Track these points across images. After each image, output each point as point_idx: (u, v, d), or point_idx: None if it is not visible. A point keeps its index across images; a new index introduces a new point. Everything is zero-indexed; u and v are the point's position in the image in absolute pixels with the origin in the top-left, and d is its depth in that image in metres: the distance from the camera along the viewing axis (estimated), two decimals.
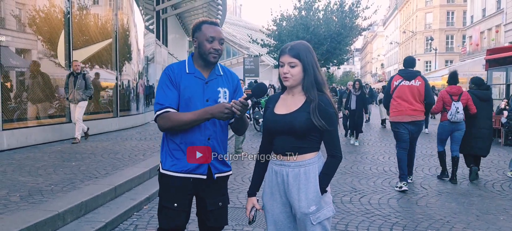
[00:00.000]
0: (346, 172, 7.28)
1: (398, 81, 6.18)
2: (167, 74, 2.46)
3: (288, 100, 2.34)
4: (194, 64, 2.51)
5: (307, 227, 2.25)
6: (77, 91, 8.69)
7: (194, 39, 2.48)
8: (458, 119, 6.46)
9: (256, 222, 2.45)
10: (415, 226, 4.54)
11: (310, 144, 2.27)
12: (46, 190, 4.73)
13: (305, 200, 2.23)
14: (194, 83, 2.45)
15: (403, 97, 6.07)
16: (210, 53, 2.42)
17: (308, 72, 2.25)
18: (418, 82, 6.08)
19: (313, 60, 2.28)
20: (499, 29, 29.08)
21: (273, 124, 2.32)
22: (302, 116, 2.22)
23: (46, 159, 6.77)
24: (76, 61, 9.00)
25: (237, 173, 6.97)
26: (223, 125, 2.54)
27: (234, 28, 52.97)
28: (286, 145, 2.27)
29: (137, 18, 14.84)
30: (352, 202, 5.41)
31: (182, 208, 2.49)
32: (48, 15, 9.31)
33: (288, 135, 2.25)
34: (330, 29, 23.56)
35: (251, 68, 28.45)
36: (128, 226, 4.41)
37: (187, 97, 2.43)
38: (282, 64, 2.28)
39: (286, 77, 2.26)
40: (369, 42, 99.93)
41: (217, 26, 2.48)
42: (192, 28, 2.52)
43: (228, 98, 2.53)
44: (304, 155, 2.25)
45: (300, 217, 2.26)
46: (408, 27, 58.35)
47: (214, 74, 2.51)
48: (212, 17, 26.27)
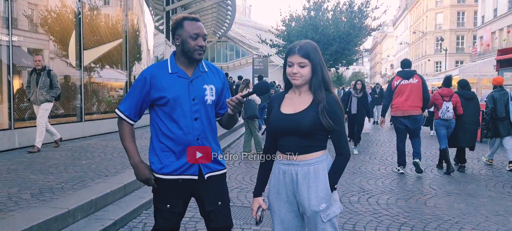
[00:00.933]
0: (355, 172, 7.26)
1: (398, 81, 7.06)
2: (144, 78, 2.41)
3: (294, 99, 2.33)
4: (176, 63, 2.44)
5: (318, 225, 2.25)
6: (40, 91, 7.45)
7: (176, 36, 2.41)
8: (448, 117, 7.29)
9: (263, 222, 2.45)
10: (424, 227, 4.52)
11: (318, 143, 2.27)
12: (56, 188, 4.80)
13: (315, 198, 2.23)
14: (178, 83, 2.39)
15: (403, 94, 6.93)
16: (195, 50, 2.37)
17: (317, 72, 2.26)
18: (416, 80, 6.96)
19: (321, 60, 2.29)
20: (511, 29, 28.75)
21: (280, 123, 2.30)
22: (309, 115, 2.22)
23: (57, 157, 6.86)
24: (38, 56, 7.63)
25: (246, 172, 6.99)
26: (212, 123, 2.50)
27: (243, 29, 52.99)
28: (294, 144, 2.27)
29: (147, 19, 14.95)
30: (360, 202, 5.40)
31: (175, 210, 2.46)
32: (60, 15, 9.44)
33: (296, 134, 2.25)
34: (339, 30, 23.50)
35: (260, 69, 28.46)
36: (137, 224, 4.46)
37: (172, 98, 2.37)
38: (290, 64, 2.27)
39: (296, 77, 2.26)
40: (378, 43, 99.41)
41: (199, 21, 2.42)
42: (172, 25, 2.43)
43: (215, 95, 2.48)
44: (312, 153, 2.26)
45: (310, 215, 2.26)
46: (418, 28, 57.95)
47: (198, 71, 2.45)
48: (222, 18, 26.20)
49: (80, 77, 9.88)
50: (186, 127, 2.39)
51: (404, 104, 6.89)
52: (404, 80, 6.97)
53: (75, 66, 9.80)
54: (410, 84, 6.90)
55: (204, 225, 2.60)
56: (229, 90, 2.62)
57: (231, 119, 2.51)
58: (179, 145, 2.40)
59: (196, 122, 2.40)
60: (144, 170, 2.44)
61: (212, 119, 2.51)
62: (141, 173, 2.44)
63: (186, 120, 2.39)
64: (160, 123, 2.44)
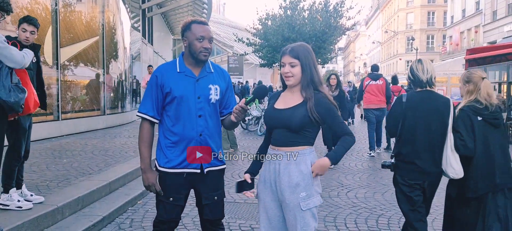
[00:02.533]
0: (333, 168, 7.49)
1: (367, 81, 9.09)
2: (156, 76, 2.58)
3: (287, 97, 2.50)
4: (184, 63, 2.61)
5: (297, 213, 2.38)
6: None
7: (184, 38, 2.58)
8: None
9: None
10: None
11: (304, 139, 2.43)
12: (42, 186, 4.82)
13: (295, 186, 2.38)
14: (185, 81, 2.55)
15: (371, 92, 8.92)
16: (200, 51, 2.52)
17: (305, 72, 2.42)
18: (381, 82, 8.97)
19: (312, 60, 2.45)
20: (478, 30, 29.79)
21: (272, 117, 2.50)
22: (299, 111, 2.39)
23: (37, 155, 6.81)
24: None
25: (227, 169, 7.10)
26: (215, 121, 2.65)
27: (218, 27, 52.97)
28: (282, 137, 2.43)
29: (123, 16, 14.83)
30: (340, 197, 5.63)
31: (177, 202, 2.61)
32: (33, 12, 9.29)
33: (285, 128, 2.42)
34: (315, 29, 23.85)
35: (236, 67, 28.68)
36: (124, 220, 4.53)
37: (179, 95, 2.53)
38: (283, 65, 2.45)
39: (288, 76, 2.43)
40: (352, 42, 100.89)
41: (206, 25, 2.59)
42: (182, 27, 2.60)
43: (219, 94, 2.63)
44: (297, 146, 2.41)
45: (289, 203, 2.38)
46: (390, 27, 59.16)
47: (204, 71, 2.61)
48: (197, 16, 26.17)
49: (57, 75, 9.76)
50: (190, 123, 2.54)
51: (374, 100, 8.91)
52: (373, 81, 8.98)
53: (52, 64, 9.67)
54: (377, 84, 8.93)
55: (190, 219, 2.73)
56: (233, 91, 2.78)
57: (233, 123, 2.63)
58: (183, 140, 2.55)
59: (200, 118, 2.56)
60: (151, 176, 2.59)
61: (216, 117, 2.66)
62: (147, 178, 2.59)
63: (190, 117, 2.54)
64: (167, 119, 2.59)
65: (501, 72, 14.57)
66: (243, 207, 4.99)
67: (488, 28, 27.45)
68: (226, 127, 2.76)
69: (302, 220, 2.37)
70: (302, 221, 2.37)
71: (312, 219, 2.39)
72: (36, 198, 4.08)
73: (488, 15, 27.65)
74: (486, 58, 13.79)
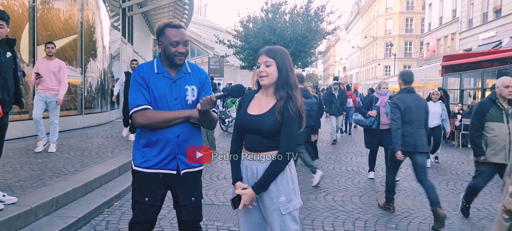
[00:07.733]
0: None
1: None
2: (138, 74, 2.55)
3: (262, 100, 2.47)
4: (162, 64, 2.59)
5: (277, 217, 2.38)
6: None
7: (159, 42, 2.56)
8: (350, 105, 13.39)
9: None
10: (376, 221, 4.84)
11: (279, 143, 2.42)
12: (15, 186, 4.69)
13: (275, 191, 2.38)
14: (163, 83, 2.54)
15: None
16: (175, 56, 2.52)
17: (281, 72, 2.40)
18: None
19: (287, 63, 2.43)
20: (455, 37, 30.46)
21: (245, 123, 2.45)
22: (271, 118, 2.37)
23: (11, 155, 6.65)
24: None
25: (205, 171, 7.08)
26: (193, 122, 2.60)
27: (199, 28, 52.75)
28: (256, 142, 2.42)
29: (103, 15, 14.62)
30: (318, 200, 5.67)
31: (153, 203, 2.59)
32: (9, 8, 9.08)
33: (259, 134, 2.40)
34: (296, 32, 23.96)
35: (216, 68, 28.50)
36: (99, 221, 4.46)
37: (157, 96, 2.52)
38: (258, 65, 2.43)
39: (262, 76, 2.41)
40: (332, 46, 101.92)
41: (180, 28, 2.54)
42: (156, 31, 2.57)
43: (196, 95, 2.62)
44: (273, 151, 2.40)
45: (269, 208, 2.39)
46: (369, 33, 60.02)
47: (181, 72, 2.60)
48: (179, 17, 25.81)
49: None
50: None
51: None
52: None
53: (28, 62, 9.47)
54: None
55: (167, 221, 2.70)
56: (210, 89, 2.70)
57: (204, 116, 2.52)
58: (160, 141, 2.53)
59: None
60: (194, 111, 2.55)
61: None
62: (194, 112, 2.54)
63: None
64: None
65: (476, 79, 14.94)
66: (221, 210, 4.98)
67: (464, 36, 28.08)
68: (202, 124, 2.69)
69: (283, 224, 2.38)
70: (282, 225, 2.38)
71: (292, 222, 2.40)
72: (9, 199, 3.98)
73: (464, 23, 28.30)
74: (462, 65, 14.13)
